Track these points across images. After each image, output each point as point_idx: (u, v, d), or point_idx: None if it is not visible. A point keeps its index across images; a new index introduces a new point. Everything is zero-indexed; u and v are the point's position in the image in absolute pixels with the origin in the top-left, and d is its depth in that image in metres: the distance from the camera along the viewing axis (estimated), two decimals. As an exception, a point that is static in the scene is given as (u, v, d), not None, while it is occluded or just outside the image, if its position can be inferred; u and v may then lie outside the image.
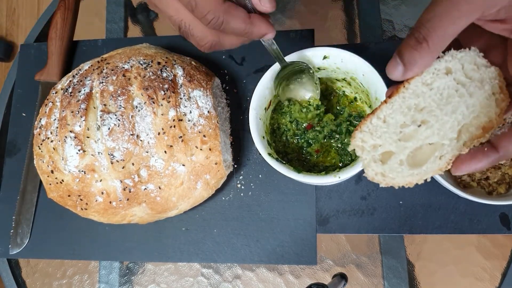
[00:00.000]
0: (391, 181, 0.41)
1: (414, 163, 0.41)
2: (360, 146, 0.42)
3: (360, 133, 0.42)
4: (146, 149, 0.62)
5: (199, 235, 0.71)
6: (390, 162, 0.41)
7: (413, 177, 0.41)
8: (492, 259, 0.66)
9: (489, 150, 0.38)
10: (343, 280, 0.66)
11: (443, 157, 0.40)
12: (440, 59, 0.40)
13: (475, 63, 0.40)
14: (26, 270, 0.77)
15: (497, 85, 0.39)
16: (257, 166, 0.72)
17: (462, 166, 0.39)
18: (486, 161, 0.38)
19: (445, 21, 0.35)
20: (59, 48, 0.80)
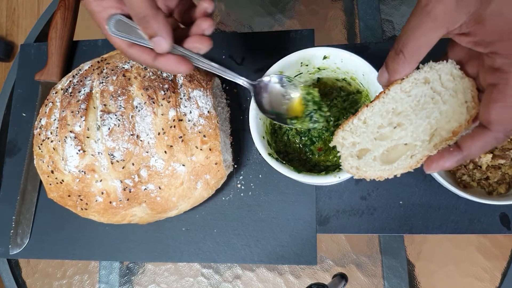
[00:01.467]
0: (363, 174, 0.46)
1: (388, 160, 0.46)
2: (341, 142, 0.48)
3: (342, 131, 0.48)
4: (146, 149, 0.62)
5: (199, 235, 0.71)
6: (365, 157, 0.47)
7: (384, 172, 0.46)
8: (492, 259, 0.66)
9: (455, 150, 0.42)
10: (343, 280, 0.66)
11: (414, 156, 0.44)
12: (420, 70, 0.44)
13: (451, 74, 0.44)
14: (26, 270, 0.77)
15: (469, 95, 0.43)
16: (257, 166, 0.72)
17: (432, 165, 0.43)
18: (452, 160, 0.42)
19: (417, 34, 0.39)
20: (59, 48, 0.80)
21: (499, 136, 0.40)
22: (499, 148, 0.62)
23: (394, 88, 0.45)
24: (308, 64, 0.61)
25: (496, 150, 0.62)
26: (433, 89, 0.44)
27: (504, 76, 0.38)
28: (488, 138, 0.40)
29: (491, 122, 0.39)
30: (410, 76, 0.45)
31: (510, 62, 0.38)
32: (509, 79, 0.38)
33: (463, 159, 0.42)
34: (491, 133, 0.40)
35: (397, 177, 0.68)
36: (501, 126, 0.39)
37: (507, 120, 0.39)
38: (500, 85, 0.38)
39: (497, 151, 0.62)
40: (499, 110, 0.38)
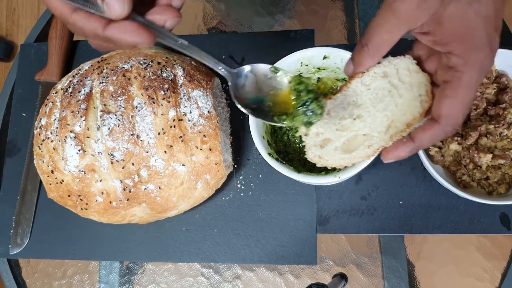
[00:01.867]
0: (325, 162, 0.49)
1: (348, 149, 0.49)
2: (306, 133, 0.51)
3: None
4: (146, 149, 0.62)
5: (199, 235, 0.71)
6: (327, 147, 0.50)
7: (343, 161, 0.48)
8: (492, 259, 0.66)
9: (408, 141, 0.45)
10: (343, 280, 0.66)
11: (371, 146, 0.47)
12: (380, 65, 0.47)
13: (408, 69, 0.46)
14: (26, 270, 0.77)
15: (424, 89, 0.45)
16: (257, 166, 0.72)
17: (387, 155, 0.46)
18: (405, 150, 0.45)
19: (381, 30, 0.42)
20: (59, 48, 0.80)
21: (447, 130, 0.42)
22: (499, 148, 0.62)
23: (355, 81, 0.48)
24: (308, 64, 0.61)
25: (496, 150, 0.62)
26: (391, 83, 0.47)
27: (457, 75, 0.40)
28: (437, 131, 0.43)
29: (441, 116, 0.42)
30: (370, 70, 0.47)
31: (463, 61, 0.40)
32: (461, 77, 0.40)
33: (416, 149, 0.45)
34: (440, 126, 0.42)
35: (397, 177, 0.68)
36: (449, 120, 0.42)
37: (455, 115, 0.41)
38: (453, 83, 0.41)
39: (497, 151, 0.62)
40: (449, 106, 0.41)
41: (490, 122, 0.62)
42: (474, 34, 0.40)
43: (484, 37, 0.40)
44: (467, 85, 0.40)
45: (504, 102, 0.64)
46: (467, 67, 0.40)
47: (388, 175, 0.69)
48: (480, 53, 0.40)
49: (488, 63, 0.41)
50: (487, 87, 0.63)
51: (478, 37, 0.40)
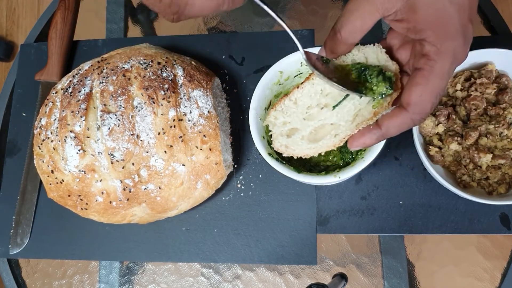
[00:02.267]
0: (291, 152, 0.49)
1: (315, 139, 0.49)
2: (273, 122, 0.51)
3: (274, 111, 0.51)
4: (146, 149, 0.62)
5: (199, 235, 0.71)
6: (294, 136, 0.49)
7: (310, 150, 0.48)
8: (492, 259, 0.66)
9: (374, 128, 0.44)
10: (343, 280, 0.66)
11: (337, 135, 0.47)
12: (349, 53, 0.46)
13: (377, 58, 0.46)
14: (26, 270, 0.77)
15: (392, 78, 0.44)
16: (257, 166, 0.72)
17: (354, 142, 0.46)
18: (372, 137, 0.45)
19: (354, 17, 0.41)
20: (59, 48, 0.80)
21: (414, 118, 0.42)
22: (499, 148, 0.62)
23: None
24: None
25: (496, 150, 0.62)
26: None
27: (430, 63, 0.40)
28: (405, 119, 0.42)
29: (410, 104, 0.41)
30: (339, 58, 0.46)
31: (436, 49, 0.40)
32: (433, 66, 0.40)
33: (382, 137, 0.44)
34: (408, 114, 0.42)
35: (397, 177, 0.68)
36: (418, 108, 0.41)
37: (424, 104, 0.41)
38: (425, 70, 0.41)
39: (497, 151, 0.62)
40: (419, 93, 0.41)
41: (490, 122, 0.62)
42: (448, 22, 0.39)
43: (458, 26, 0.39)
44: (438, 74, 0.40)
45: (504, 102, 0.64)
46: (439, 55, 0.40)
47: (388, 175, 0.69)
48: (454, 42, 0.40)
49: (462, 53, 0.41)
50: (487, 87, 0.63)
51: (452, 26, 0.39)
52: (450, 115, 0.64)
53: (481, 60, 0.65)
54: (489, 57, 0.64)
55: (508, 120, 0.62)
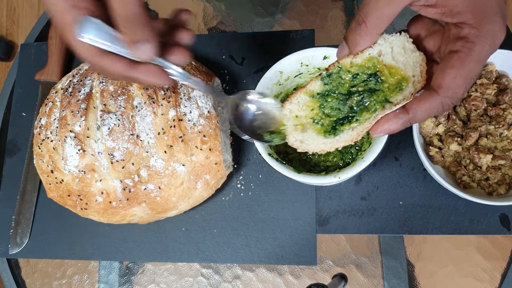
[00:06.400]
0: (306, 147, 0.47)
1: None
2: (288, 115, 0.49)
3: (290, 104, 0.49)
4: (146, 149, 0.62)
5: (199, 235, 0.71)
6: (309, 131, 0.48)
7: (326, 145, 0.47)
8: (492, 259, 0.66)
9: (400, 113, 0.42)
10: (343, 281, 0.66)
11: (355, 129, 0.45)
12: (375, 45, 0.44)
13: (403, 47, 0.44)
14: (25, 269, 0.77)
15: (418, 69, 0.43)
16: (257, 166, 0.72)
17: (378, 128, 0.44)
18: (397, 122, 0.43)
19: (380, 4, 0.39)
20: (59, 47, 0.80)
21: (445, 102, 0.40)
22: (499, 149, 0.62)
23: (345, 61, 0.46)
24: (308, 64, 0.61)
25: (496, 151, 0.62)
26: (384, 62, 0.45)
27: (468, 45, 0.39)
28: (434, 103, 0.40)
29: (441, 87, 0.40)
30: (365, 52, 0.45)
31: (476, 32, 0.38)
32: (472, 48, 0.39)
33: (409, 122, 0.42)
34: (438, 97, 0.40)
35: (397, 178, 0.68)
36: (450, 91, 0.40)
37: (457, 87, 0.39)
38: (462, 53, 0.39)
39: (497, 151, 0.62)
40: (453, 76, 0.39)
41: (490, 123, 0.62)
42: (487, 3, 0.38)
43: (496, 8, 0.38)
44: (476, 57, 0.39)
45: (504, 103, 0.63)
46: (479, 38, 0.38)
47: (388, 175, 0.69)
48: (494, 25, 0.38)
49: (500, 36, 0.39)
50: (487, 88, 0.63)
51: (490, 7, 0.38)
52: (450, 115, 0.64)
53: (481, 61, 0.65)
54: (489, 58, 0.64)
55: (508, 121, 0.62)
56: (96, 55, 0.40)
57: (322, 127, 0.47)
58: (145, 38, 0.38)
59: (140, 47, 0.38)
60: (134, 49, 0.38)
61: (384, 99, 0.44)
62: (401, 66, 0.44)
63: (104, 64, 0.40)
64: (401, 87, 0.44)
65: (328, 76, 0.47)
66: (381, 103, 0.45)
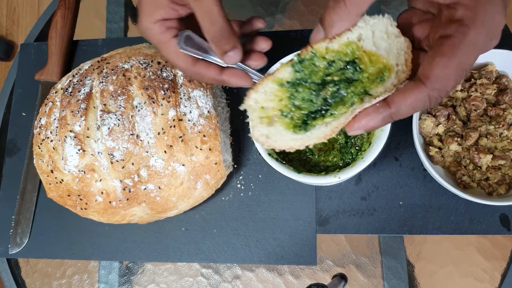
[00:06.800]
0: (273, 143, 0.41)
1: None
2: (253, 106, 0.43)
3: (256, 93, 0.43)
4: (146, 149, 0.62)
5: (199, 235, 0.71)
6: (276, 125, 0.42)
7: (295, 142, 0.41)
8: (492, 259, 0.66)
9: (381, 106, 0.37)
10: (342, 281, 0.66)
11: (329, 124, 0.40)
12: (354, 28, 0.39)
13: (386, 32, 0.39)
14: (25, 269, 0.77)
15: (402, 57, 0.38)
16: (257, 166, 0.72)
17: (355, 124, 0.38)
18: (377, 117, 0.37)
19: None
20: (59, 47, 0.80)
21: (433, 95, 0.35)
22: (499, 149, 0.62)
23: (319, 47, 0.40)
24: (308, 64, 0.61)
25: (496, 151, 0.62)
26: (363, 48, 0.40)
27: (461, 29, 0.34)
28: (420, 95, 0.35)
29: (429, 77, 0.35)
30: (343, 36, 0.39)
31: (471, 15, 0.34)
32: (466, 33, 0.34)
33: (390, 117, 0.37)
34: (425, 89, 0.35)
35: (397, 178, 0.68)
36: (439, 83, 0.35)
37: (447, 78, 0.35)
38: (455, 38, 0.34)
39: (497, 151, 0.62)
40: (443, 65, 0.34)
41: (490, 123, 0.62)
42: None
43: None
44: (470, 44, 0.34)
45: (504, 103, 0.63)
46: (475, 21, 0.34)
47: (388, 175, 0.69)
48: (492, 7, 0.34)
49: (499, 22, 0.35)
50: (487, 88, 0.63)
51: None
52: (450, 115, 0.64)
53: (481, 61, 0.65)
54: (489, 58, 0.64)
55: (508, 121, 0.62)
56: (192, 64, 0.48)
57: (291, 121, 0.42)
58: (231, 47, 0.45)
59: (230, 55, 0.45)
60: (224, 57, 0.46)
61: (363, 91, 0.39)
62: (383, 53, 0.39)
63: (199, 71, 0.49)
64: (382, 77, 0.38)
65: (300, 63, 0.42)
66: (360, 95, 0.39)
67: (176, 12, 0.49)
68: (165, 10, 0.48)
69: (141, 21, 0.51)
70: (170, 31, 0.50)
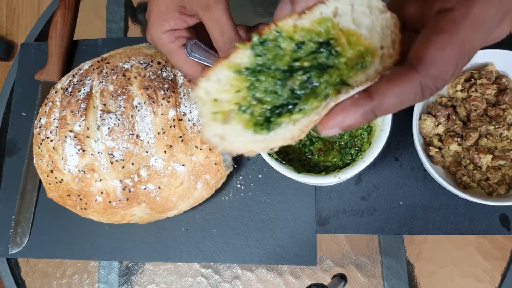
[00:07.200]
0: (228, 146, 0.33)
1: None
2: (203, 98, 0.34)
3: (206, 81, 0.34)
4: (146, 149, 0.62)
5: (199, 235, 0.71)
6: (233, 122, 0.33)
7: (256, 145, 0.33)
8: (492, 260, 0.66)
9: (361, 98, 0.29)
10: (342, 281, 0.66)
11: (298, 122, 0.32)
12: (329, 1, 0.32)
13: (368, 6, 0.32)
14: (25, 269, 0.77)
15: (389, 38, 0.31)
16: (257, 166, 0.72)
17: (329, 122, 0.31)
18: (356, 112, 0.30)
19: None
20: (59, 47, 0.80)
21: (426, 84, 0.28)
22: (499, 149, 0.62)
23: (285, 23, 0.33)
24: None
25: (496, 151, 0.62)
26: (340, 26, 0.32)
27: (465, 2, 0.27)
28: (411, 85, 0.28)
29: (423, 60, 0.28)
30: (315, 10, 0.33)
31: None
32: (471, 6, 0.27)
33: (373, 113, 0.30)
34: (417, 77, 0.28)
35: (397, 178, 0.68)
36: (434, 68, 0.27)
37: (446, 61, 0.27)
38: (457, 11, 0.27)
39: (497, 152, 0.62)
40: (441, 45, 0.27)
41: (490, 123, 0.62)
42: None
43: None
44: (476, 19, 0.27)
45: (504, 103, 0.63)
46: None
47: (388, 175, 0.69)
48: None
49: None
50: (487, 88, 0.63)
51: None
52: (450, 115, 0.64)
53: (482, 61, 0.65)
54: (489, 58, 0.64)
55: (508, 121, 0.62)
56: (201, 71, 0.51)
57: (251, 117, 0.33)
58: None
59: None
60: None
61: (339, 80, 0.32)
62: (364, 33, 0.32)
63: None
64: (363, 63, 0.32)
65: (261, 44, 0.34)
66: (335, 85, 0.32)
67: (185, 23, 0.51)
68: (175, 21, 0.50)
69: (150, 31, 0.52)
70: (179, 40, 0.52)
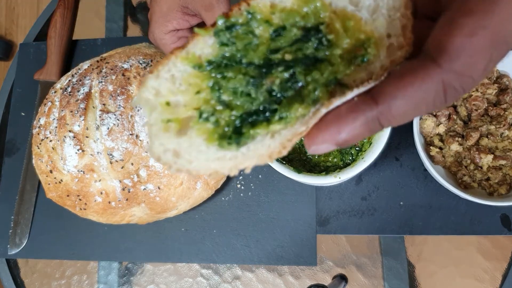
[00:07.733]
0: (185, 166, 0.25)
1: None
2: (152, 101, 0.25)
3: (156, 79, 0.25)
4: (146, 149, 0.61)
5: (199, 235, 0.71)
6: (191, 133, 0.25)
7: (223, 163, 0.25)
8: (493, 260, 0.66)
9: (362, 102, 0.22)
10: (343, 281, 0.66)
11: (277, 134, 0.24)
12: None
13: None
14: (24, 270, 0.76)
15: (398, 23, 0.23)
16: (257, 166, 0.72)
17: (318, 135, 0.23)
18: (356, 122, 0.22)
19: None
20: (59, 47, 0.80)
21: (449, 81, 0.21)
22: (500, 149, 0.62)
23: (261, 2, 0.25)
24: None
25: (497, 151, 0.62)
26: (336, 9, 0.25)
27: None
28: (429, 82, 0.21)
29: (447, 50, 0.21)
30: None
31: None
32: None
33: (377, 123, 0.23)
34: (438, 71, 0.21)
35: (397, 178, 0.68)
36: (462, 61, 0.21)
37: (478, 51, 0.20)
38: None
39: (498, 152, 0.62)
40: (471, 30, 0.20)
41: (491, 123, 0.62)
42: None
43: None
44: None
45: (505, 102, 0.63)
46: None
47: (389, 175, 0.69)
48: None
49: None
50: (488, 88, 0.63)
51: None
52: (451, 115, 0.64)
53: (482, 61, 0.65)
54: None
55: (509, 121, 0.62)
56: None
57: (216, 128, 0.25)
58: None
59: None
60: None
61: (333, 79, 0.24)
62: (365, 16, 0.24)
63: None
64: (365, 56, 0.24)
65: (228, 30, 0.25)
66: (328, 86, 0.24)
67: (187, 23, 0.51)
68: (177, 21, 0.50)
69: (153, 31, 0.52)
70: (181, 40, 0.52)
